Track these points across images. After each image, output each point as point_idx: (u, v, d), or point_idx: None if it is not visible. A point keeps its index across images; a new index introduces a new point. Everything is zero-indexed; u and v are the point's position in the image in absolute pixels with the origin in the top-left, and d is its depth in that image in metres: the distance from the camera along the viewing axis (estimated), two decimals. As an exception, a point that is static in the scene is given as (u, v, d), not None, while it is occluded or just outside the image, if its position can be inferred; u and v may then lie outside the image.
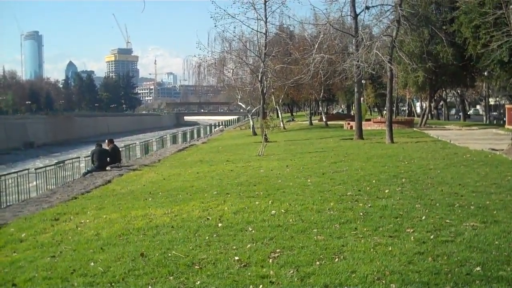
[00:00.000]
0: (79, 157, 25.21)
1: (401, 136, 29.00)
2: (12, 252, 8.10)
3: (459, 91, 67.20)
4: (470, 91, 68.37)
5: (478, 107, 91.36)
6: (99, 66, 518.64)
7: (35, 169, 20.45)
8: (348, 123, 42.51)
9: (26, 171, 19.49)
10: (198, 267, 6.28)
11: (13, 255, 7.83)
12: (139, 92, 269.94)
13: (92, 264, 6.70)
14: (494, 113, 73.03)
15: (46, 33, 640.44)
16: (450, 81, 44.32)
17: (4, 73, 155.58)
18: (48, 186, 19.50)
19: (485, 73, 41.60)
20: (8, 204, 16.06)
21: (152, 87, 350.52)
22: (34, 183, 19.35)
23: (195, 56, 59.03)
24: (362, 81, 38.04)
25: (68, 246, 7.89)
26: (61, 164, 21.90)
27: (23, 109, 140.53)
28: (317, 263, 6.18)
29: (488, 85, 58.17)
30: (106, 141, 24.88)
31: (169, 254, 6.86)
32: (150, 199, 11.96)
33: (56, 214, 11.19)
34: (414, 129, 38.51)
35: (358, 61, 26.94)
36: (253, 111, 48.70)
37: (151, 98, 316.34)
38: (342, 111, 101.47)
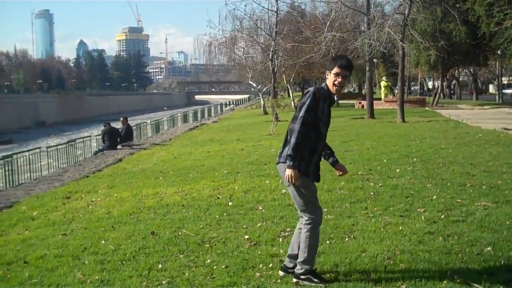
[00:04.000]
0: (90, 136, 25.32)
1: (412, 115, 28.83)
2: (24, 230, 8.16)
3: (471, 70, 66.62)
4: (483, 70, 67.73)
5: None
6: (110, 44, 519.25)
7: (47, 147, 20.56)
8: (359, 102, 42.29)
9: (38, 149, 19.60)
10: (208, 245, 6.30)
11: (25, 233, 7.89)
12: (150, 71, 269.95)
13: (103, 242, 6.74)
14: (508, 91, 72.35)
15: (56, 11, 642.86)
16: (463, 60, 43.96)
17: (15, 52, 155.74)
18: (59, 165, 19.62)
19: (498, 52, 41.17)
20: (20, 182, 16.19)
21: (163, 66, 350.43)
22: (46, 161, 19.46)
23: (206, 34, 58.65)
24: (374, 59, 37.75)
25: (79, 224, 7.94)
26: (73, 143, 22.02)
27: (34, 88, 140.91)
28: (327, 242, 6.18)
29: (501, 63, 57.62)
30: (121, 118, 24.99)
31: (180, 233, 6.89)
32: (161, 178, 12.00)
33: (67, 192, 11.26)
34: (426, 108, 38.25)
35: (369, 40, 26.73)
36: (264, 90, 48.60)
37: (162, 77, 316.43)
38: (354, 90, 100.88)
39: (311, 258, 5.10)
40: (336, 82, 5.08)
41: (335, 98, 5.35)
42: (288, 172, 4.91)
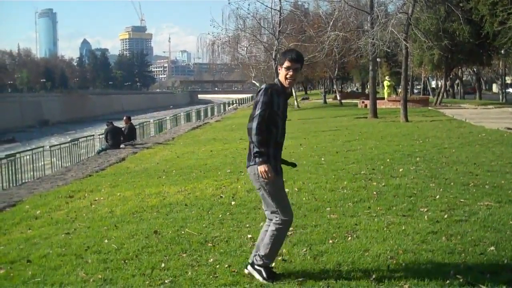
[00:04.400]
0: (93, 135, 25.35)
1: (415, 114, 28.78)
2: (27, 228, 8.17)
3: (475, 70, 66.48)
4: (486, 70, 67.59)
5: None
6: (113, 43, 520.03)
7: (50, 146, 20.60)
8: (363, 102, 42.22)
9: (41, 148, 19.64)
10: (211, 244, 6.30)
11: (28, 232, 7.91)
12: (153, 70, 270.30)
13: (106, 241, 6.75)
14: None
15: (60, 10, 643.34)
16: (466, 59, 43.79)
17: (19, 50, 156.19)
18: (62, 164, 19.65)
19: (502, 51, 41.00)
20: (23, 181, 16.22)
21: (166, 65, 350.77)
22: (49, 160, 19.49)
23: (209, 34, 58.82)
24: (377, 59, 37.72)
25: (82, 223, 7.96)
26: (76, 142, 22.05)
27: (38, 87, 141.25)
28: (330, 241, 6.18)
29: (505, 63, 57.47)
30: (125, 117, 25.01)
31: (183, 232, 6.89)
32: (163, 177, 12.01)
33: (70, 191, 11.28)
34: (429, 107, 38.19)
35: (373, 39, 26.69)
36: (267, 89, 48.50)
37: (165, 76, 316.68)
38: (357, 89, 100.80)
39: (272, 256, 5.20)
40: (288, 76, 5.14)
41: (290, 92, 5.38)
42: (261, 168, 4.90)
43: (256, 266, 5.15)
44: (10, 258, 6.40)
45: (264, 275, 5.09)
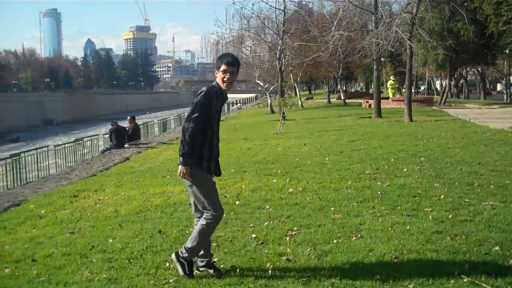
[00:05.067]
0: (97, 135, 25.37)
1: (420, 114, 28.75)
2: (32, 228, 8.19)
3: (479, 69, 66.35)
4: (491, 69, 67.46)
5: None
6: (117, 43, 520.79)
7: (54, 146, 20.62)
8: (367, 101, 42.17)
9: (46, 148, 19.66)
10: (215, 244, 6.30)
11: (32, 231, 7.92)
12: (157, 69, 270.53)
13: (111, 240, 6.76)
14: None
15: (64, 10, 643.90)
16: (471, 59, 43.67)
17: (23, 50, 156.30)
18: (67, 163, 19.68)
19: (507, 51, 40.94)
20: (28, 180, 16.25)
21: (170, 64, 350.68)
22: (53, 160, 19.52)
23: (213, 33, 58.76)
24: (381, 58, 37.73)
25: (87, 223, 7.97)
26: (80, 142, 22.08)
27: (42, 87, 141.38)
28: (334, 241, 6.18)
29: (510, 63, 57.33)
30: (128, 117, 25.03)
31: (187, 231, 6.89)
32: (168, 177, 12.01)
33: (75, 191, 11.29)
34: (434, 107, 38.12)
35: (377, 39, 26.64)
36: (271, 89, 48.60)
37: (169, 76, 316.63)
38: (361, 89, 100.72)
39: (197, 251, 5.36)
40: (225, 79, 5.33)
41: (227, 95, 5.54)
42: (183, 169, 5.15)
43: (180, 259, 5.31)
44: (15, 257, 6.42)
45: (186, 270, 5.28)
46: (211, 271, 5.36)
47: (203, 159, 5.26)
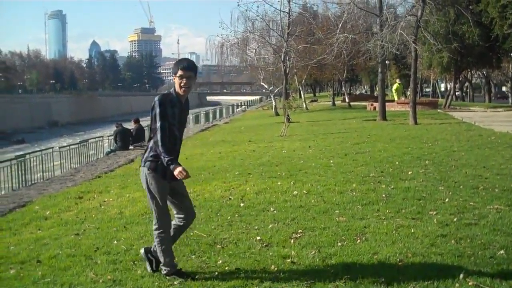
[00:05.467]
0: (102, 136, 25.43)
1: (424, 117, 28.70)
2: (37, 229, 8.20)
3: (484, 72, 66.21)
4: (496, 72, 67.30)
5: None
6: (122, 45, 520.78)
7: (59, 147, 20.68)
8: (371, 104, 42.13)
9: (51, 149, 19.72)
10: (220, 246, 6.31)
11: (38, 232, 7.93)
12: (162, 71, 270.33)
13: (115, 242, 6.78)
14: None
15: (69, 12, 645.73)
16: (476, 62, 43.56)
17: (28, 52, 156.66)
18: (72, 165, 19.72)
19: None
20: (33, 182, 16.29)
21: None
22: (58, 161, 19.56)
23: (218, 35, 58.89)
24: (386, 61, 37.69)
25: (92, 224, 7.98)
26: (85, 143, 22.15)
27: (47, 88, 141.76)
28: (339, 244, 6.18)
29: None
30: (133, 119, 25.07)
31: (191, 233, 6.90)
32: (172, 179, 11.99)
33: (80, 192, 11.31)
34: (438, 110, 38.04)
35: (382, 41, 26.63)
36: (275, 91, 48.60)
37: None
38: (365, 91, 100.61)
39: (170, 260, 5.43)
40: (182, 84, 5.41)
41: (188, 100, 5.69)
42: (177, 171, 5.10)
43: (168, 277, 5.38)
44: (20, 258, 6.43)
45: (180, 279, 5.31)
46: (147, 264, 5.56)
47: (161, 164, 5.30)
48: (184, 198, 5.66)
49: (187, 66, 5.43)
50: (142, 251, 5.62)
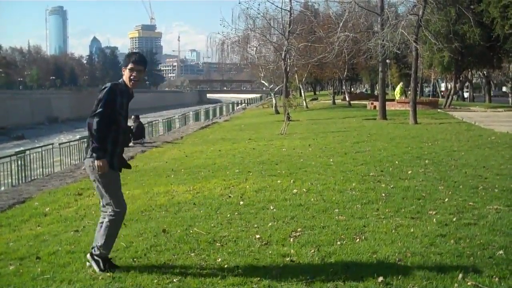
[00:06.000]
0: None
1: (425, 117, 28.72)
2: (37, 225, 8.21)
3: (485, 72, 66.19)
4: (496, 72, 67.27)
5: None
6: (123, 42, 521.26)
7: (59, 144, 20.65)
8: (372, 103, 42.14)
9: (51, 146, 19.68)
10: (219, 244, 6.32)
11: (37, 229, 7.94)
12: (162, 69, 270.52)
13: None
14: None
15: (70, 8, 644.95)
16: (477, 62, 43.58)
17: (29, 48, 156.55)
18: (72, 161, 19.71)
19: (512, 54, 40.92)
20: (32, 178, 16.29)
21: (175, 64, 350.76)
22: (58, 158, 19.55)
23: (218, 33, 58.75)
24: (387, 60, 37.66)
25: (91, 221, 7.98)
26: (85, 140, 22.09)
27: (47, 84, 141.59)
28: (338, 243, 6.18)
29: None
30: (132, 116, 25.04)
31: (191, 231, 6.91)
32: (172, 176, 12.03)
33: (79, 189, 11.32)
34: (438, 110, 38.05)
35: (383, 40, 26.63)
36: (276, 89, 48.59)
37: (174, 75, 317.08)
38: (366, 90, 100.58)
39: (108, 247, 5.61)
40: (131, 77, 5.58)
41: (133, 93, 5.80)
42: (98, 162, 5.34)
43: (95, 257, 5.54)
44: (19, 254, 6.44)
45: (101, 266, 5.50)
46: (95, 265, 5.57)
47: (106, 154, 5.42)
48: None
49: (138, 60, 5.62)
50: (88, 256, 5.69)
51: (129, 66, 5.56)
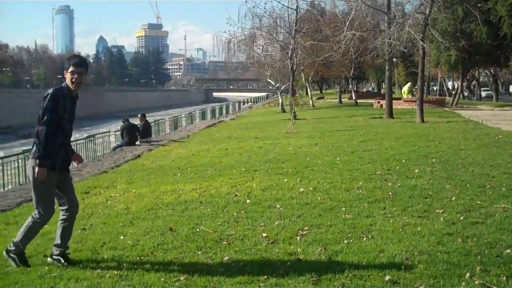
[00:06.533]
0: (109, 132, 25.45)
1: (431, 115, 28.63)
2: (44, 224, 8.22)
3: (492, 71, 65.97)
4: (503, 71, 67.05)
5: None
6: (130, 41, 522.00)
7: (66, 142, 20.65)
8: (378, 102, 42.06)
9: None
10: (226, 242, 6.32)
11: (44, 227, 7.94)
12: (168, 67, 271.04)
13: (122, 237, 6.79)
14: None
15: (77, 7, 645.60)
16: (484, 61, 43.46)
17: (36, 47, 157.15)
18: (78, 160, 19.71)
19: (520, 53, 40.78)
20: (40, 176, 16.29)
21: (181, 62, 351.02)
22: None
23: (225, 32, 58.97)
24: (394, 59, 37.57)
25: (98, 220, 8.00)
26: (91, 138, 22.17)
27: (54, 83, 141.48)
28: (345, 241, 6.17)
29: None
30: (139, 115, 25.08)
31: (198, 229, 6.91)
32: (179, 175, 12.05)
33: (86, 187, 11.34)
34: (445, 108, 37.95)
35: (390, 39, 26.58)
36: (282, 88, 48.56)
37: (180, 73, 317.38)
38: (372, 89, 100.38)
39: (24, 244, 5.86)
40: (73, 80, 5.70)
41: (77, 95, 5.95)
42: (37, 169, 5.54)
43: (11, 254, 5.83)
44: (27, 252, 6.41)
45: (18, 262, 5.78)
46: (63, 261, 5.79)
47: (48, 161, 5.59)
48: (69, 191, 5.93)
49: (79, 63, 5.72)
50: (4, 253, 5.90)
51: (70, 69, 5.68)
